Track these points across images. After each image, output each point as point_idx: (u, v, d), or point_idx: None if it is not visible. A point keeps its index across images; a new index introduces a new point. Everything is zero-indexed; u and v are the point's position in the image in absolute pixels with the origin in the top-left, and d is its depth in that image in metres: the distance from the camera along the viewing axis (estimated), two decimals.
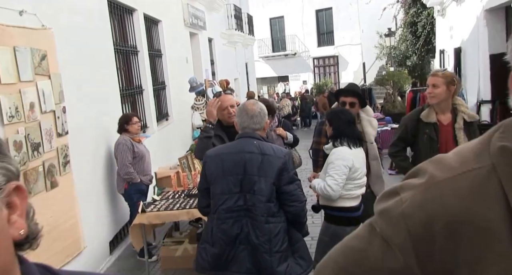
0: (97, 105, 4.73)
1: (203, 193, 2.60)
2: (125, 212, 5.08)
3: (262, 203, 2.41)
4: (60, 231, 3.67)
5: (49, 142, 3.59)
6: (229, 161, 2.47)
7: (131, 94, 6.30)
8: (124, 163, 4.62)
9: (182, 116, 8.53)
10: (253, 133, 2.52)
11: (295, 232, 2.58)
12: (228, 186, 2.45)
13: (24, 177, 3.20)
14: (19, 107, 3.20)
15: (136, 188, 4.73)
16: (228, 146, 2.61)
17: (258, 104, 2.58)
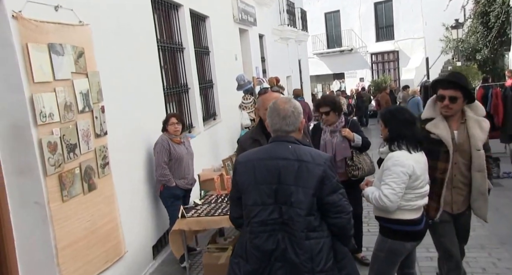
0: (138, 104, 4.58)
1: (235, 203, 2.31)
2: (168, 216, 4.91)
3: (301, 217, 2.09)
4: (98, 235, 3.52)
5: (86, 143, 3.44)
6: (261, 168, 2.16)
7: (177, 93, 6.14)
8: (159, 164, 4.44)
9: (230, 116, 8.31)
10: (287, 137, 2.20)
11: (341, 246, 2.23)
12: (261, 197, 2.14)
13: (59, 180, 3.07)
14: (53, 107, 3.07)
15: (170, 192, 4.53)
16: (260, 150, 2.29)
17: (291, 102, 2.25)
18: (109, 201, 3.75)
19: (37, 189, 2.93)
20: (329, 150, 3.92)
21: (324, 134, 4.07)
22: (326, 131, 4.06)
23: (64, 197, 3.11)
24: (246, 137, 2.99)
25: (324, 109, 4.01)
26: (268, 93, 2.96)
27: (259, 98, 2.93)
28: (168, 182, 4.48)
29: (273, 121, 2.22)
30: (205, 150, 6.72)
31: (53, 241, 2.98)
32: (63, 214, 3.09)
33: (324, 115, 4.01)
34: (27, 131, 2.87)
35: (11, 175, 2.94)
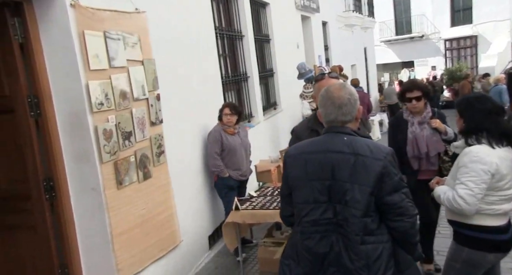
0: (195, 93, 4.53)
1: (286, 199, 2.12)
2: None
3: (357, 218, 1.86)
4: (153, 224, 3.52)
5: (142, 131, 3.43)
6: (313, 163, 1.95)
7: (236, 82, 6.05)
8: (211, 154, 4.38)
9: (291, 105, 8.11)
10: (342, 128, 1.97)
11: (404, 254, 1.97)
12: (313, 194, 1.94)
13: (114, 167, 3.08)
14: (109, 94, 3.07)
15: (224, 183, 4.46)
16: (312, 143, 2.06)
17: (346, 88, 2.00)
18: (164, 190, 3.74)
19: (94, 176, 2.96)
20: (421, 145, 3.41)
21: (412, 126, 3.48)
22: (414, 123, 3.47)
23: (119, 184, 3.12)
24: (303, 127, 2.75)
25: (415, 94, 3.42)
26: (326, 79, 2.68)
27: (315, 85, 2.70)
28: (221, 172, 4.41)
29: (327, 111, 1.98)
30: (264, 140, 6.60)
31: (109, 228, 3.00)
32: (118, 202, 3.10)
33: (415, 101, 3.41)
34: (83, 119, 2.90)
35: (71, 162, 2.99)
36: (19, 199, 3.01)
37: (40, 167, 2.91)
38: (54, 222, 2.98)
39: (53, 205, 2.97)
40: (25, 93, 2.83)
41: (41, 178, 2.91)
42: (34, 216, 2.97)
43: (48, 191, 2.94)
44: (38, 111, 2.87)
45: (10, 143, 2.97)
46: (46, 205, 2.94)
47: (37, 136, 2.89)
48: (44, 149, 2.91)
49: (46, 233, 2.96)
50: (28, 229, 3.03)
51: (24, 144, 2.90)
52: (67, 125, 2.94)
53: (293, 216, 2.07)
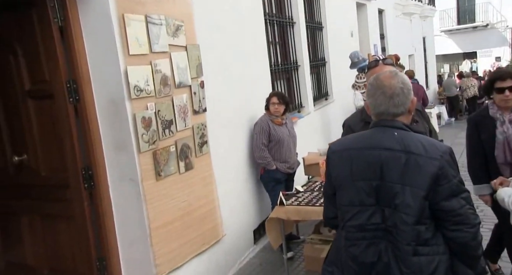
0: (242, 81, 4.32)
1: (330, 200, 1.88)
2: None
3: (408, 225, 1.61)
4: (195, 217, 3.37)
5: (183, 120, 3.27)
6: (360, 160, 1.71)
7: (286, 70, 5.78)
8: (258, 145, 4.16)
9: (343, 96, 7.71)
10: (393, 121, 1.72)
11: (464, 269, 1.69)
12: (358, 195, 1.70)
13: (153, 157, 2.94)
14: (149, 81, 2.92)
15: (271, 176, 4.23)
16: (358, 138, 1.82)
17: (398, 76, 1.73)
18: (207, 182, 3.57)
19: (132, 166, 2.83)
20: None
21: (503, 125, 2.82)
22: (505, 121, 2.81)
23: (158, 175, 2.98)
24: (356, 119, 2.48)
25: (508, 83, 2.78)
26: (379, 66, 2.34)
27: (368, 73, 2.39)
28: (267, 165, 4.19)
29: (376, 102, 1.73)
30: (313, 132, 6.30)
31: (147, 221, 2.87)
32: (156, 193, 2.97)
33: (508, 92, 2.75)
34: (122, 106, 2.77)
35: (110, 151, 2.88)
36: (59, 188, 2.95)
37: (79, 155, 2.82)
38: (92, 213, 2.89)
39: (91, 194, 2.88)
40: (64, 78, 2.74)
41: (80, 166, 2.82)
42: (73, 206, 2.90)
43: (87, 180, 2.85)
44: (77, 97, 2.78)
45: (50, 129, 2.91)
46: (85, 195, 2.86)
47: (76, 123, 2.80)
48: (83, 136, 2.82)
49: (85, 224, 2.87)
50: (67, 219, 2.96)
51: (63, 131, 2.82)
52: (105, 112, 2.83)
53: (337, 218, 1.82)
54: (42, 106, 2.92)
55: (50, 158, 2.97)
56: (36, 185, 3.07)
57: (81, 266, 2.97)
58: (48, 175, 2.99)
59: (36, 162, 3.02)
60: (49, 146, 2.96)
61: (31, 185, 3.09)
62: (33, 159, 3.03)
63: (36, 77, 2.91)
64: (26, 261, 3.25)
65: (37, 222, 3.13)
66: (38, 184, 3.06)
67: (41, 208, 3.10)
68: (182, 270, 3.18)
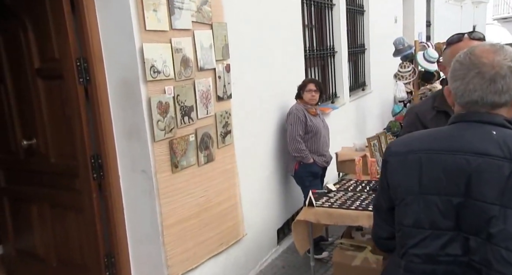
0: (273, 66, 3.95)
1: (383, 215, 1.45)
2: (297, 196, 4.28)
3: (510, 265, 1.14)
4: (213, 214, 3.06)
5: (205, 106, 2.95)
6: (434, 167, 1.25)
7: (321, 56, 5.35)
8: (294, 137, 3.79)
9: (383, 87, 7.23)
10: (491, 115, 1.24)
11: None
12: (429, 215, 1.25)
13: (169, 147, 2.64)
14: (167, 61, 2.60)
15: (308, 170, 3.86)
16: (432, 135, 1.33)
17: (504, 51, 1.23)
18: (229, 176, 3.25)
19: (145, 156, 2.53)
20: None
21: None
22: None
23: (174, 167, 2.68)
24: (426, 106, 1.95)
25: None
26: (464, 41, 1.82)
27: (447, 50, 1.88)
28: (304, 158, 3.83)
29: (468, 86, 1.24)
30: (348, 124, 5.87)
31: (159, 217, 2.58)
32: (172, 187, 2.67)
33: None
34: (136, 88, 2.46)
35: (122, 138, 2.60)
36: (68, 176, 2.70)
37: (88, 142, 2.55)
38: (101, 206, 2.63)
39: (100, 186, 2.61)
40: (74, 56, 2.45)
41: (88, 154, 2.55)
42: (82, 197, 2.65)
43: (96, 169, 2.58)
44: (88, 77, 2.49)
45: (60, 112, 2.65)
46: (93, 185, 2.59)
47: (85, 106, 2.52)
48: (93, 121, 2.54)
49: (93, 217, 2.62)
50: (76, 210, 2.72)
51: (72, 115, 2.55)
52: (118, 94, 2.54)
53: (393, 239, 1.39)
54: (52, 86, 2.66)
55: (59, 144, 2.72)
56: (45, 172, 2.84)
57: (89, 261, 2.73)
58: (57, 162, 2.75)
59: (46, 147, 2.78)
60: (58, 131, 2.70)
61: (41, 172, 2.87)
62: (43, 144, 2.79)
63: (45, 55, 2.64)
64: (36, 250, 3.05)
65: (47, 211, 2.90)
66: (47, 171, 2.83)
67: (50, 197, 2.87)
68: (197, 272, 2.89)
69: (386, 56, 6.92)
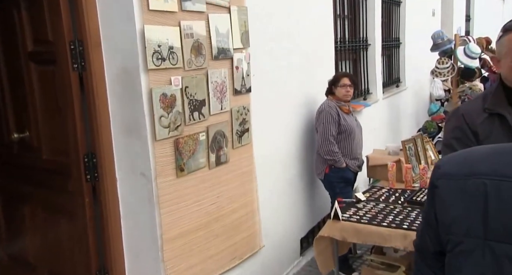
0: (299, 58, 3.53)
1: (428, 261, 1.06)
2: (324, 202, 3.87)
3: None
4: (225, 224, 2.69)
5: (219, 100, 2.57)
6: (507, 200, 0.86)
7: (353, 49, 4.89)
8: (327, 137, 3.37)
9: (418, 83, 6.69)
10: None
11: None
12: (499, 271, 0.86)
13: (174, 147, 2.27)
14: (175, 47, 2.23)
15: (340, 175, 3.44)
16: (503, 153, 0.94)
17: None
18: (246, 179, 2.87)
19: (144, 157, 2.17)
20: None
21: None
22: None
23: (179, 170, 2.31)
24: (473, 107, 1.59)
25: None
26: None
27: (504, 38, 1.49)
28: (337, 162, 3.41)
29: None
30: (380, 124, 5.39)
31: (159, 230, 2.22)
32: (175, 194, 2.30)
33: None
34: (135, 77, 2.10)
35: (120, 135, 2.24)
36: (60, 176, 2.38)
37: (81, 137, 2.21)
38: (96, 212, 2.29)
39: (95, 189, 2.28)
40: (68, 38, 2.11)
41: (82, 151, 2.22)
42: (74, 200, 2.32)
43: (89, 169, 2.24)
44: (83, 63, 2.14)
45: (53, 103, 2.32)
46: (86, 188, 2.26)
47: (80, 96, 2.18)
48: (88, 114, 2.20)
49: (85, 225, 2.28)
50: (68, 215, 2.39)
51: (65, 105, 2.22)
52: (117, 84, 2.18)
53: None
54: (45, 72, 2.34)
55: (52, 139, 2.40)
56: (38, 169, 2.53)
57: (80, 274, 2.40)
58: (49, 159, 2.43)
59: (38, 142, 2.46)
60: (51, 124, 2.38)
61: (33, 168, 2.56)
62: (35, 138, 2.47)
63: (39, 36, 2.32)
64: (28, 257, 2.75)
65: (39, 214, 2.60)
66: (39, 168, 2.52)
67: (43, 198, 2.56)
68: None
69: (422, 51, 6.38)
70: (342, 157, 3.44)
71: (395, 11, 6.06)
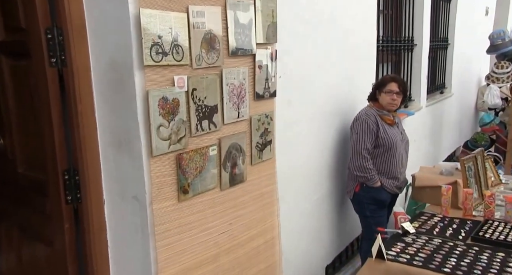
0: (335, 57, 3.01)
1: None
2: (354, 225, 3.36)
3: None
4: (239, 256, 2.21)
5: (236, 106, 2.09)
6: None
7: (396, 49, 4.32)
8: (359, 150, 2.85)
9: (466, 90, 6.02)
10: None
11: None
12: None
13: (176, 164, 1.80)
14: (181, 39, 1.76)
15: (372, 196, 2.93)
16: None
17: None
18: (266, 202, 2.39)
19: (137, 177, 1.72)
20: None
21: None
22: None
23: (182, 193, 1.85)
24: None
25: None
26: None
27: None
28: (369, 180, 2.89)
29: None
30: (422, 135, 4.79)
31: (153, 266, 1.76)
32: (176, 223, 1.84)
33: None
34: (127, 75, 1.65)
35: (108, 147, 1.80)
36: (37, 194, 1.96)
37: (60, 150, 1.77)
38: (77, 240, 1.85)
39: (77, 212, 1.84)
40: (44, 25, 1.68)
41: (61, 166, 1.78)
42: (52, 224, 1.89)
43: (70, 189, 1.80)
44: (63, 57, 1.71)
45: (27, 106, 1.89)
46: (67, 211, 1.82)
47: (59, 98, 1.75)
48: (69, 120, 1.76)
49: (64, 255, 1.85)
50: (46, 241, 1.97)
51: (41, 109, 1.79)
52: (106, 84, 1.74)
53: None
54: (18, 67, 1.92)
55: (28, 150, 1.98)
56: (13, 184, 2.12)
57: None
58: (25, 174, 2.01)
59: (13, 152, 2.05)
60: (27, 132, 1.96)
61: (9, 183, 2.15)
62: (10, 147, 2.06)
63: (9, 23, 1.89)
64: None
65: (15, 236, 2.19)
66: (15, 183, 2.10)
67: (20, 217, 2.15)
68: None
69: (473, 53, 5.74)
70: (376, 174, 2.90)
71: (445, 8, 5.43)
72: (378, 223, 2.87)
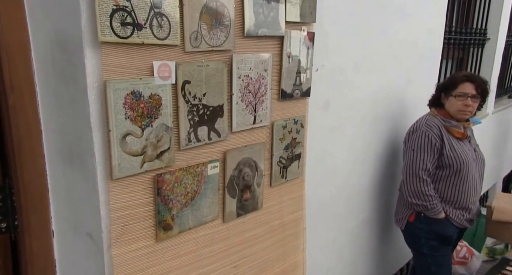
0: (390, 49, 2.36)
1: None
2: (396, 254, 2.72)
3: None
4: None
5: (252, 108, 1.50)
6: None
7: (462, 44, 3.57)
8: (416, 172, 2.19)
9: None
10: None
11: None
12: None
13: (155, 189, 1.24)
14: (166, 5, 1.19)
15: (432, 228, 2.27)
16: None
17: None
18: (287, 234, 1.80)
19: (91, 206, 1.17)
20: None
21: None
22: None
23: (162, 229, 1.28)
24: None
25: None
26: None
27: None
28: (429, 210, 2.23)
29: None
30: (489, 147, 4.03)
31: None
32: (150, 271, 1.28)
33: None
34: (77, 57, 1.08)
35: (58, 159, 1.25)
36: None
37: None
38: None
39: (16, 244, 1.32)
40: None
41: None
42: None
43: (5, 213, 1.28)
44: None
45: None
46: (2, 242, 1.31)
47: None
48: (2, 120, 1.23)
49: None
50: None
51: None
52: (50, 69, 1.19)
53: None
54: None
55: None
56: None
57: None
58: None
59: None
60: None
61: None
62: None
63: None
64: None
65: None
66: None
67: None
68: None
69: None
70: (439, 203, 2.23)
71: None
72: (439, 264, 2.22)
